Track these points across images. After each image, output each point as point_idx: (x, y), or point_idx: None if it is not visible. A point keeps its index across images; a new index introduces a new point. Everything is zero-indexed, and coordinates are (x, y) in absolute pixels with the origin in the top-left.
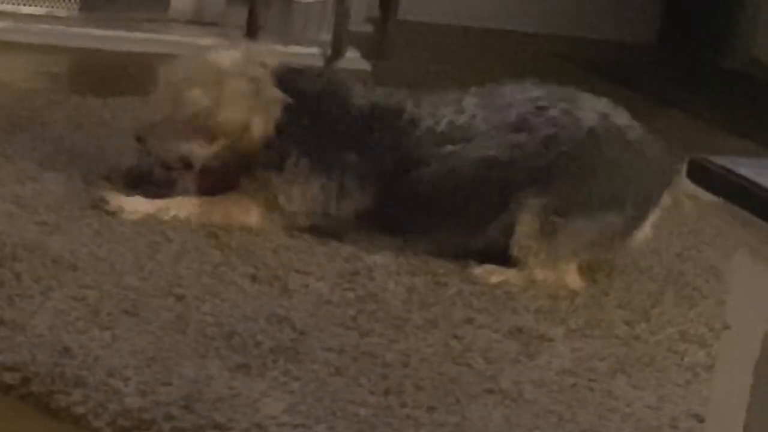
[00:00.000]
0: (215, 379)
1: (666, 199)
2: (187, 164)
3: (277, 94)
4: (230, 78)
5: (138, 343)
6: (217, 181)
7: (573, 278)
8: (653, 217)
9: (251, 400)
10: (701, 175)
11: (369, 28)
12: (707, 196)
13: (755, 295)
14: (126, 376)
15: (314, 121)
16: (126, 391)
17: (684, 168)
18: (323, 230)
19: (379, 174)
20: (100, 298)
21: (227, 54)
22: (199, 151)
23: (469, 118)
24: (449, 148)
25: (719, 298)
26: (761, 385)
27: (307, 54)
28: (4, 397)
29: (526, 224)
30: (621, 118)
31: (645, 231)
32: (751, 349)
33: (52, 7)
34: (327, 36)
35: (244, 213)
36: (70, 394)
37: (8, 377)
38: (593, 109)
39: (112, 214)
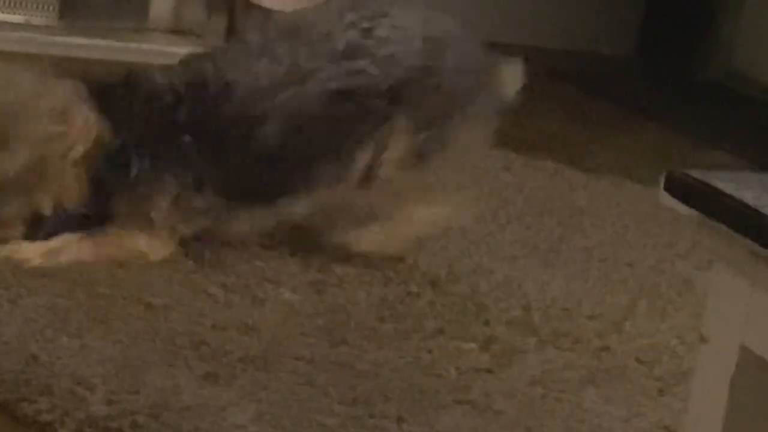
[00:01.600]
0: (183, 388)
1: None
2: None
3: (87, 113)
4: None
5: (106, 351)
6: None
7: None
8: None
9: (218, 409)
10: (679, 188)
11: None
12: (685, 210)
13: (732, 309)
14: (93, 384)
15: (131, 120)
16: (93, 399)
17: (662, 182)
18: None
19: (223, 147)
20: (70, 307)
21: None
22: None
23: (290, 64)
24: (282, 96)
25: (692, 311)
26: (737, 398)
27: None
28: None
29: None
30: (440, 20)
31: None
32: (727, 362)
33: (31, 15)
34: None
35: (133, 240)
36: (36, 401)
37: None
38: (414, 17)
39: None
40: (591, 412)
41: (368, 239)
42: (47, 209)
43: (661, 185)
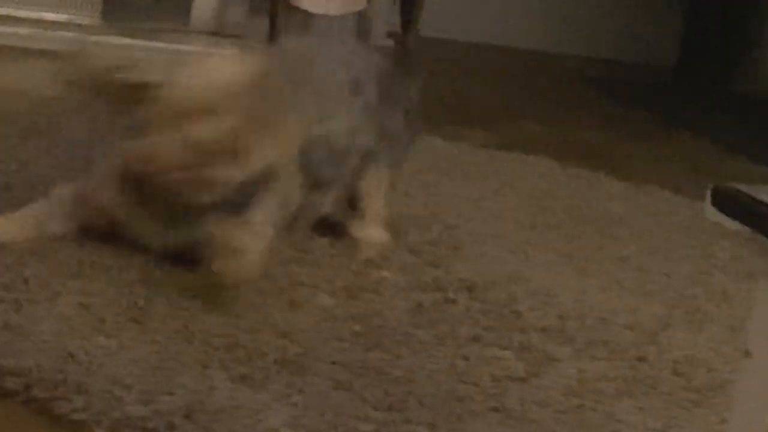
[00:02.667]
0: (217, 390)
1: None
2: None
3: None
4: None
5: (142, 351)
6: None
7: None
8: None
9: (253, 411)
10: (726, 203)
11: (390, 44)
12: (732, 225)
13: None
14: (128, 384)
15: None
16: (128, 399)
17: (708, 195)
18: None
19: None
20: (107, 306)
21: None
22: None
23: None
24: None
25: (729, 323)
26: None
27: None
28: (6, 401)
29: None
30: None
31: None
32: None
33: (74, 14)
34: None
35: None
36: (71, 400)
37: (11, 382)
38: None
39: None
40: (626, 423)
41: None
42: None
43: (707, 199)
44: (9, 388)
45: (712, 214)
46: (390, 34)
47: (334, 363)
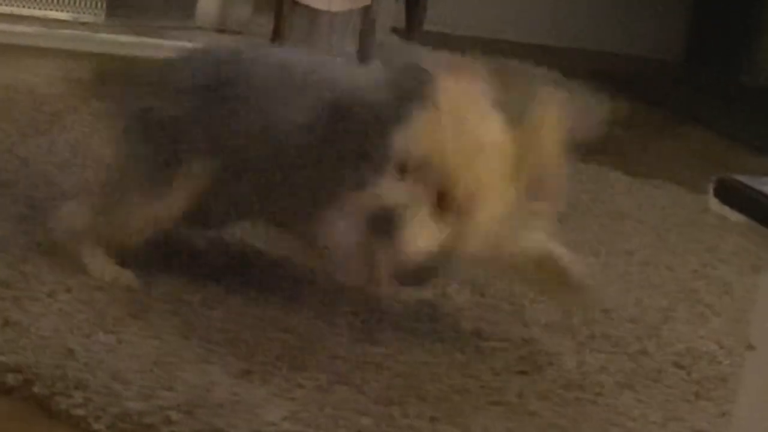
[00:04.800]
0: (217, 385)
1: None
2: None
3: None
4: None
5: (142, 347)
6: None
7: None
8: None
9: (252, 406)
10: (729, 194)
11: (395, 39)
12: (735, 216)
13: None
14: (128, 380)
15: None
16: (127, 395)
17: (711, 187)
18: None
19: None
20: (107, 302)
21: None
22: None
23: None
24: None
25: (732, 316)
26: None
27: None
28: (6, 398)
29: None
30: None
31: None
32: None
33: (79, 12)
34: (352, 46)
35: None
36: (70, 396)
37: (11, 378)
38: None
39: None
40: (626, 416)
41: None
42: None
43: (711, 191)
44: (9, 385)
45: (716, 206)
46: (394, 30)
47: (334, 357)
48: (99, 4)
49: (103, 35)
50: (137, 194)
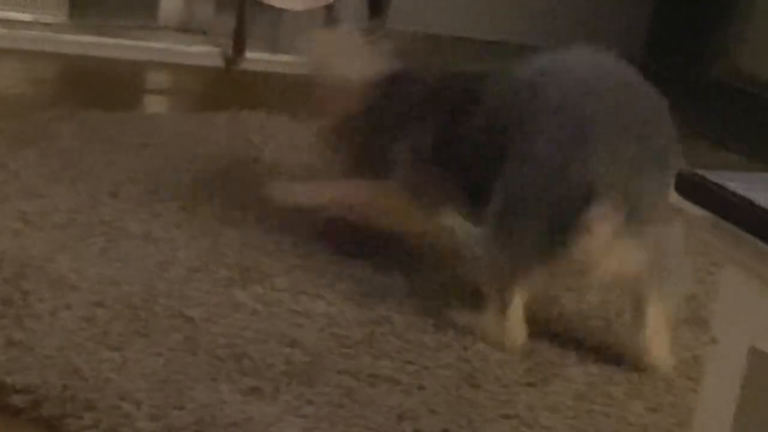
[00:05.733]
0: (228, 403)
1: None
2: None
3: None
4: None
5: (148, 364)
6: None
7: None
8: None
9: (265, 425)
10: (691, 189)
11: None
12: (696, 211)
13: (743, 310)
14: (138, 400)
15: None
16: (137, 415)
17: (672, 182)
18: None
19: None
20: (109, 319)
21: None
22: None
23: None
24: None
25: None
26: (747, 400)
27: (295, 63)
28: (14, 419)
29: None
30: None
31: None
32: (737, 364)
33: (41, 13)
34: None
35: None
36: (81, 417)
37: (18, 400)
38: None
39: None
40: (638, 425)
41: None
42: None
43: (672, 185)
44: (16, 406)
45: (677, 200)
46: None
47: (342, 372)
48: (61, 5)
49: (66, 36)
50: None
